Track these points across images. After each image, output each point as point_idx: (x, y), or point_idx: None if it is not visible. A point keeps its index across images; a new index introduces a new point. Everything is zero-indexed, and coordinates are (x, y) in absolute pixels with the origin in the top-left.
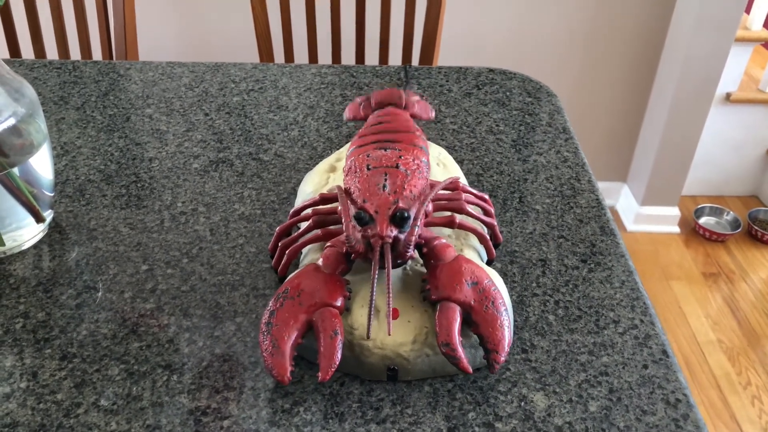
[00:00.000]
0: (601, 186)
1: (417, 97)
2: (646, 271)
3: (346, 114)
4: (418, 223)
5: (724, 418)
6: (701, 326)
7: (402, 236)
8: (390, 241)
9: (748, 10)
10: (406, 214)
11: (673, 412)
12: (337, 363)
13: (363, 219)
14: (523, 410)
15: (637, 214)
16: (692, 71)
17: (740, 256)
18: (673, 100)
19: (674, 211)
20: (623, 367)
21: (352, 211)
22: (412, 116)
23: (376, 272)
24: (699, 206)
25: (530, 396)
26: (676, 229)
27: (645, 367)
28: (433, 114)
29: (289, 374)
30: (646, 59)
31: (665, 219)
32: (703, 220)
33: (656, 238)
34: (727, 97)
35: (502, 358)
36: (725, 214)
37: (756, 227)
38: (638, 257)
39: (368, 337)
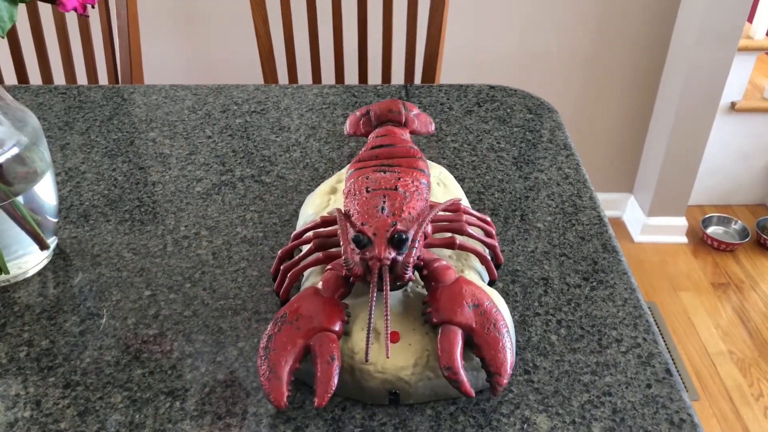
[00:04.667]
0: (608, 197)
1: (416, 110)
2: (654, 282)
3: (347, 128)
4: (417, 245)
5: (737, 430)
6: (711, 337)
7: (400, 258)
8: (388, 263)
9: (750, 19)
10: (404, 236)
11: None
12: (334, 388)
13: (361, 242)
14: None
15: (644, 224)
16: (696, 82)
17: (749, 265)
18: (677, 111)
19: (681, 221)
20: (626, 387)
21: (351, 233)
22: (412, 132)
23: (375, 295)
24: (706, 216)
25: (533, 418)
26: (684, 240)
27: (648, 386)
28: (433, 127)
29: (285, 399)
30: (649, 70)
31: (673, 229)
32: (711, 230)
33: (664, 249)
34: (732, 107)
35: (505, 381)
36: (733, 223)
37: (765, 236)
38: (646, 268)
39: (366, 361)
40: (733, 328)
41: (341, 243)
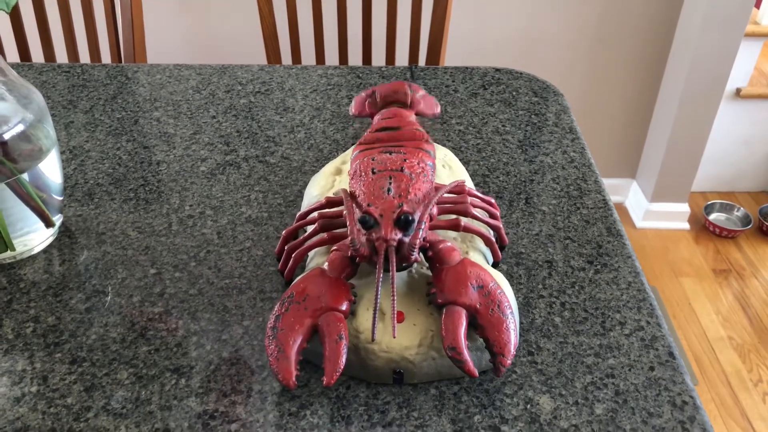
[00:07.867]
0: (611, 183)
1: (422, 92)
2: (656, 268)
3: (352, 109)
4: (423, 226)
5: (735, 415)
6: (711, 323)
7: (406, 239)
8: (395, 244)
9: (758, 5)
10: (410, 218)
11: (680, 414)
12: (342, 367)
13: (368, 222)
14: (529, 413)
15: (647, 210)
16: (701, 67)
17: (751, 252)
18: (682, 97)
19: (684, 208)
20: (629, 369)
21: (357, 214)
22: (418, 113)
23: (381, 275)
24: (709, 202)
25: (536, 398)
26: (686, 226)
27: (651, 369)
28: (438, 109)
29: (294, 378)
30: (654, 55)
31: (675, 215)
32: (713, 217)
33: (666, 235)
34: (737, 93)
35: (508, 362)
36: (735, 210)
37: (767, 223)
38: (648, 254)
39: (373, 340)
40: (733, 314)
41: (347, 224)
